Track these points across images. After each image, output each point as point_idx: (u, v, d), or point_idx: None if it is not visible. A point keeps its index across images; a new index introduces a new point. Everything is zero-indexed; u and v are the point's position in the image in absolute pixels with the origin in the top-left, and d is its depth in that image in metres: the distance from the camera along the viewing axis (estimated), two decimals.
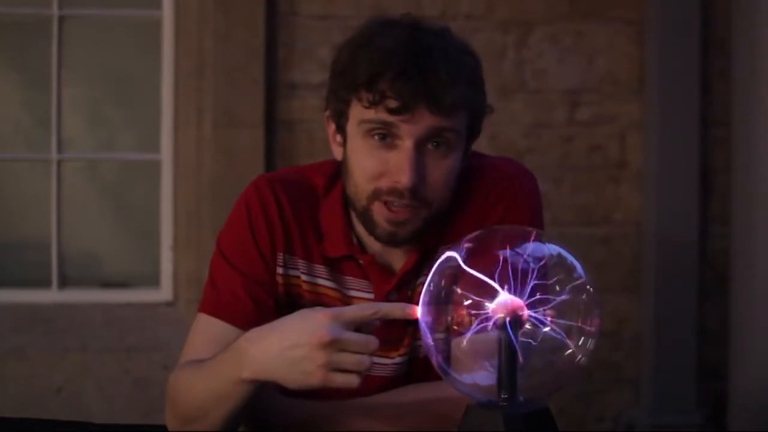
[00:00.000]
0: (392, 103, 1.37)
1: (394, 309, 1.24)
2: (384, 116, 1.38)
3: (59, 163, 3.35)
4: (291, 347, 1.26)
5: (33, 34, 3.37)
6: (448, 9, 3.26)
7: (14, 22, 3.40)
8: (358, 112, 1.41)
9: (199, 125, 3.22)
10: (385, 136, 1.40)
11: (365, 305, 1.25)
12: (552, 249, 1.21)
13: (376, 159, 1.40)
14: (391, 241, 1.44)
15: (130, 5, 3.40)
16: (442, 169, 1.41)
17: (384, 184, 1.40)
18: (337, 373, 1.23)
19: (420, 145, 1.39)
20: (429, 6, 3.23)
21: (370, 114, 1.39)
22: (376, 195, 1.41)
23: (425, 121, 1.38)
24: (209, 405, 1.36)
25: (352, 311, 1.25)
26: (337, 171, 1.52)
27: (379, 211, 1.42)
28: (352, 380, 1.23)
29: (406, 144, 1.39)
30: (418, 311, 1.21)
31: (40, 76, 3.35)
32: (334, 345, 1.23)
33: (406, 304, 1.25)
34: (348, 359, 1.23)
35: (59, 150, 3.35)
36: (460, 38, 1.45)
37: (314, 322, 1.25)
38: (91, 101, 3.42)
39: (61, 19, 3.34)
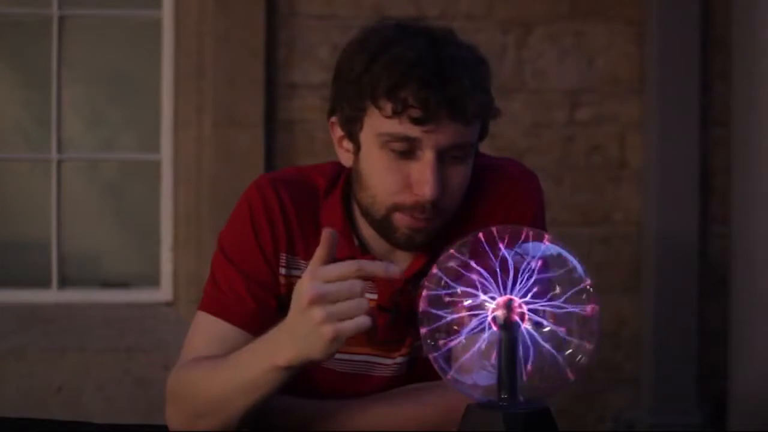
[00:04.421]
0: (415, 113, 1.36)
1: (376, 268, 1.23)
2: (407, 129, 1.37)
3: (59, 163, 3.35)
4: (295, 322, 1.26)
5: (33, 34, 3.37)
6: (448, 9, 3.26)
7: (14, 22, 3.40)
8: (377, 123, 1.40)
9: (199, 125, 3.22)
10: (406, 149, 1.39)
11: (348, 262, 1.23)
12: (552, 249, 1.21)
13: (396, 172, 1.40)
14: (409, 245, 1.44)
15: (130, 5, 3.40)
16: (459, 177, 1.42)
17: (406, 198, 1.40)
18: (345, 321, 1.22)
19: (440, 156, 1.39)
20: (429, 6, 3.22)
21: (392, 126, 1.38)
22: (396, 208, 1.41)
23: (447, 131, 1.37)
24: (236, 393, 1.35)
25: (332, 268, 1.24)
26: (338, 173, 1.52)
27: (399, 219, 1.42)
28: (364, 321, 1.22)
29: (427, 156, 1.38)
30: (402, 294, 1.21)
31: (40, 76, 3.35)
32: (321, 300, 1.22)
33: (389, 264, 1.24)
34: (345, 306, 1.22)
35: (59, 150, 3.35)
36: (470, 43, 1.45)
37: (298, 288, 1.26)
38: (91, 101, 3.42)
39: (61, 19, 3.34)
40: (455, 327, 1.20)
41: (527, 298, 1.17)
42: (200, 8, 3.21)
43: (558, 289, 1.18)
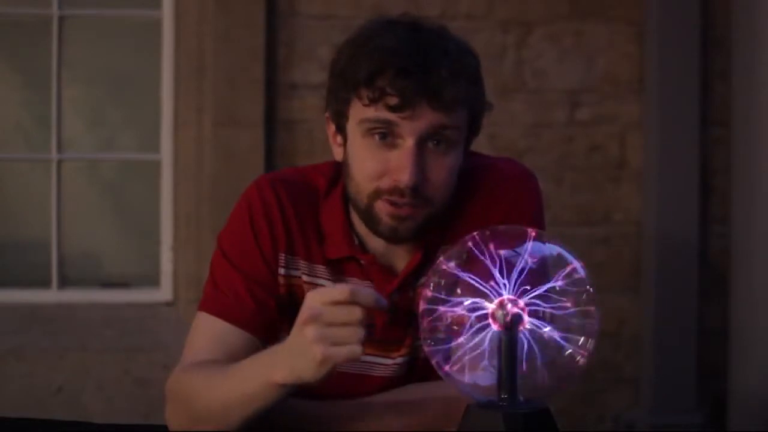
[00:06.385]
0: (392, 100, 1.37)
1: (367, 297, 1.23)
2: (384, 114, 1.38)
3: (59, 163, 3.35)
4: (293, 338, 1.26)
5: (33, 34, 3.37)
6: (448, 9, 3.26)
7: (14, 22, 3.40)
8: (358, 111, 1.41)
9: (199, 125, 3.22)
10: (386, 135, 1.40)
11: (341, 288, 1.24)
12: (552, 249, 1.21)
13: (376, 159, 1.41)
14: (393, 236, 1.44)
15: (130, 5, 3.40)
16: (443, 167, 1.41)
17: (385, 183, 1.40)
18: (337, 346, 1.22)
19: (421, 144, 1.39)
20: (429, 6, 3.23)
21: (370, 112, 1.39)
22: (377, 194, 1.41)
23: (426, 118, 1.38)
24: (234, 405, 1.35)
25: (328, 292, 1.24)
26: (337, 172, 1.52)
27: (381, 208, 1.42)
28: (355, 350, 1.22)
29: (407, 143, 1.39)
30: (398, 307, 1.20)
31: (40, 76, 3.35)
32: (317, 319, 1.22)
33: (379, 296, 1.24)
34: (340, 332, 1.22)
35: (59, 150, 3.35)
36: (459, 37, 1.46)
37: (301, 307, 1.26)
38: (91, 101, 3.42)
39: (61, 19, 3.34)
40: (455, 327, 1.20)
41: (526, 299, 1.17)
42: (200, 8, 3.21)
43: (557, 289, 1.18)
